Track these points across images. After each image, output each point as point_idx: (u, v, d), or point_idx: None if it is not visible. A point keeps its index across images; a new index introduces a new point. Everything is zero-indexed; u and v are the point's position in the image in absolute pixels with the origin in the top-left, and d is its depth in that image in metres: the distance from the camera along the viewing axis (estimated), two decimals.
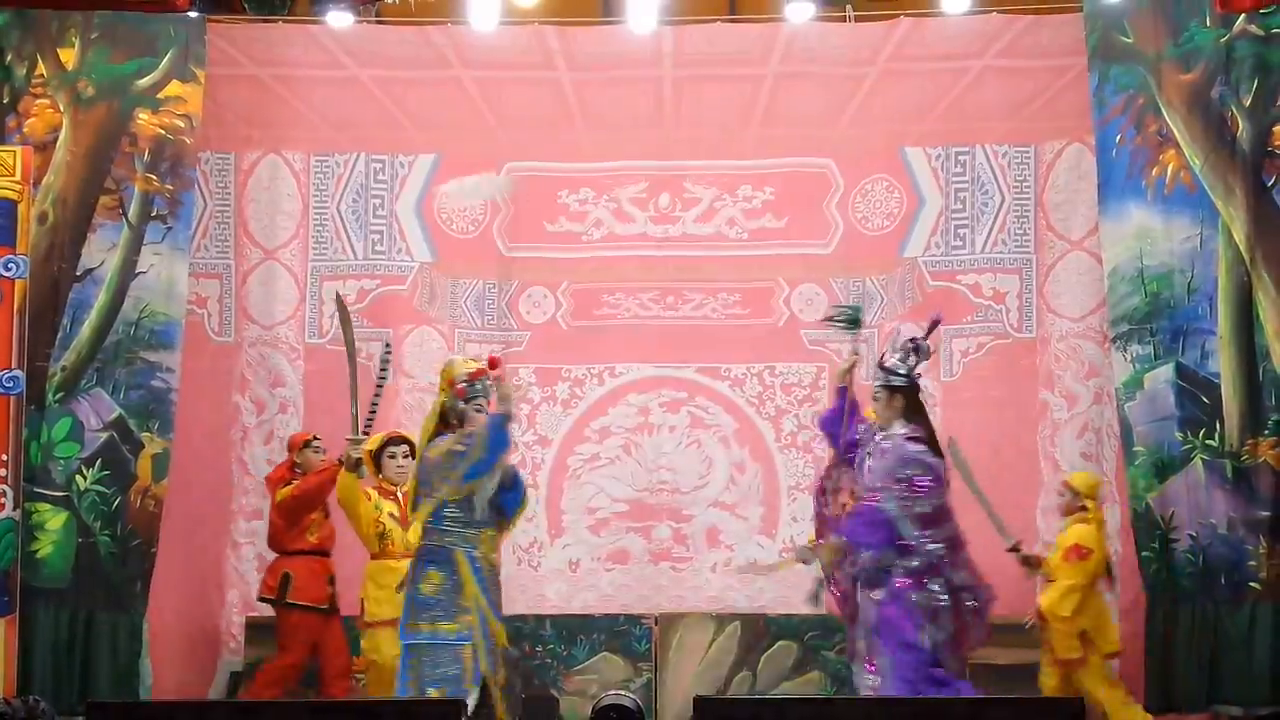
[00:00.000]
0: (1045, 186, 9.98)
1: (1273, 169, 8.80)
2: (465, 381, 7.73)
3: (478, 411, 7.68)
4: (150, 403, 9.21)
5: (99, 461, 9.09)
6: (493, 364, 7.76)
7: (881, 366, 7.91)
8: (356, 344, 8.63)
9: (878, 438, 7.82)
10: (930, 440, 7.83)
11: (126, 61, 9.34)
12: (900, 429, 7.77)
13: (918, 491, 7.67)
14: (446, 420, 7.75)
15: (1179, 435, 8.81)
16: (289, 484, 8.73)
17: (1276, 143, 8.82)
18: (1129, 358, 8.98)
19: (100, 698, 8.57)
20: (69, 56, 9.33)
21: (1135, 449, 8.93)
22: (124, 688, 8.88)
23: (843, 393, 8.00)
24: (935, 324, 8.07)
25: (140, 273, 9.25)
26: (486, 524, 7.67)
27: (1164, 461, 8.86)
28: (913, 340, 7.87)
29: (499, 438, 7.58)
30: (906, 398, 7.87)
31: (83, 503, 9.04)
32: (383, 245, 10.15)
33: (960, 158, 10.10)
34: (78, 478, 9.08)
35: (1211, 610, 8.73)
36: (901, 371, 7.86)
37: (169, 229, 9.32)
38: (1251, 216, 8.79)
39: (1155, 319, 8.96)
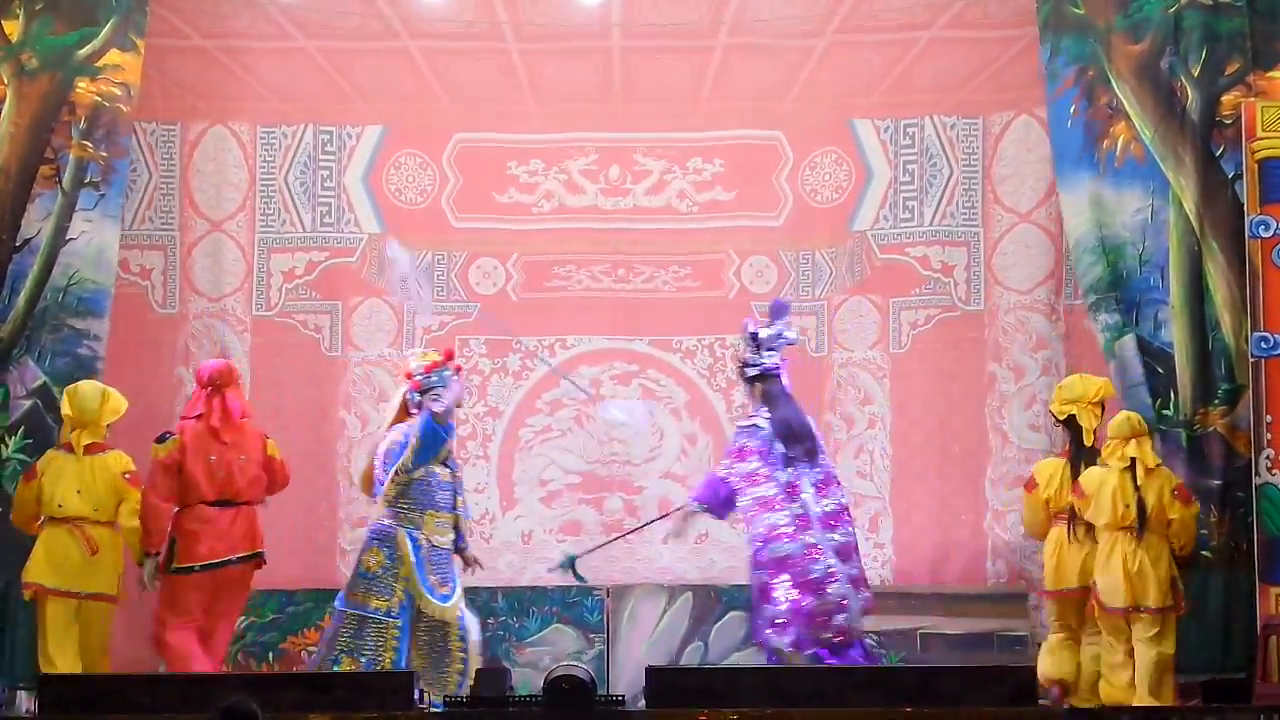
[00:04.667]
0: (993, 159, 10.02)
1: (1220, 139, 8.88)
2: (421, 374, 8.06)
3: (434, 402, 7.97)
4: (75, 371, 9.00)
5: (21, 429, 8.93)
6: (448, 356, 8.11)
7: (740, 361, 8.31)
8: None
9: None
10: (778, 423, 8.15)
11: (69, 32, 9.23)
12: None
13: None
14: (405, 409, 8.09)
15: (1149, 401, 8.89)
16: None
17: (1224, 112, 8.89)
18: (1100, 326, 9.05)
19: (19, 669, 8.57)
20: (13, 28, 9.21)
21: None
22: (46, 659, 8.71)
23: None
24: (778, 310, 8.35)
25: (70, 239, 9.13)
26: (430, 506, 7.94)
27: None
28: (751, 332, 8.22)
29: (430, 435, 7.90)
30: (763, 386, 8.23)
31: (4, 471, 8.87)
32: (331, 217, 10.10)
33: (909, 130, 10.13)
34: (0, 446, 8.94)
35: None
36: (754, 362, 8.21)
37: (101, 196, 9.21)
38: (1200, 186, 8.87)
39: (1116, 288, 9.02)
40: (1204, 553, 8.69)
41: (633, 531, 9.41)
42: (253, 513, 8.40)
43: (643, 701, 7.40)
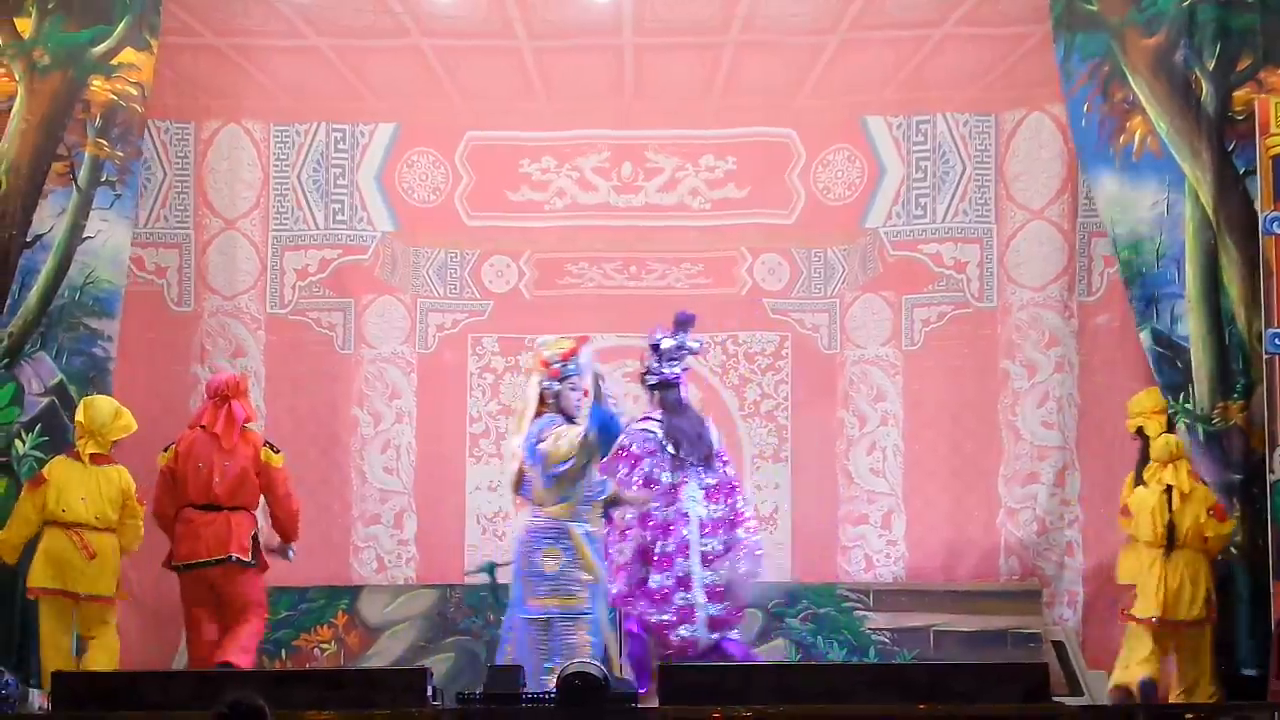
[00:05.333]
0: (1006, 156, 10.01)
1: (1233, 134, 8.87)
2: (558, 362, 7.96)
3: (572, 390, 7.91)
4: (90, 370, 9.10)
5: (38, 426, 8.95)
6: (582, 342, 8.07)
7: (642, 368, 8.41)
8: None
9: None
10: (668, 430, 8.25)
11: (82, 30, 9.24)
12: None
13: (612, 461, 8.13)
14: (543, 400, 7.94)
15: (1169, 399, 8.94)
16: None
17: (1237, 108, 8.88)
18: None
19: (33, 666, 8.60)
20: (25, 25, 9.23)
21: None
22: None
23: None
24: (681, 322, 8.38)
25: (88, 238, 9.15)
26: (594, 498, 7.90)
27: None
28: (653, 343, 8.34)
29: (610, 428, 7.79)
30: (664, 394, 8.33)
31: (21, 468, 8.90)
32: (344, 215, 10.11)
33: (921, 127, 10.13)
34: (17, 442, 8.96)
35: None
36: (656, 371, 8.33)
37: (118, 196, 9.24)
38: (1216, 180, 8.86)
39: (1131, 286, 9.03)
40: (1229, 548, 8.74)
41: None
42: (234, 518, 8.36)
43: (656, 699, 7.39)
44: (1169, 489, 8.57)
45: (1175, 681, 8.58)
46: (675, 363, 8.37)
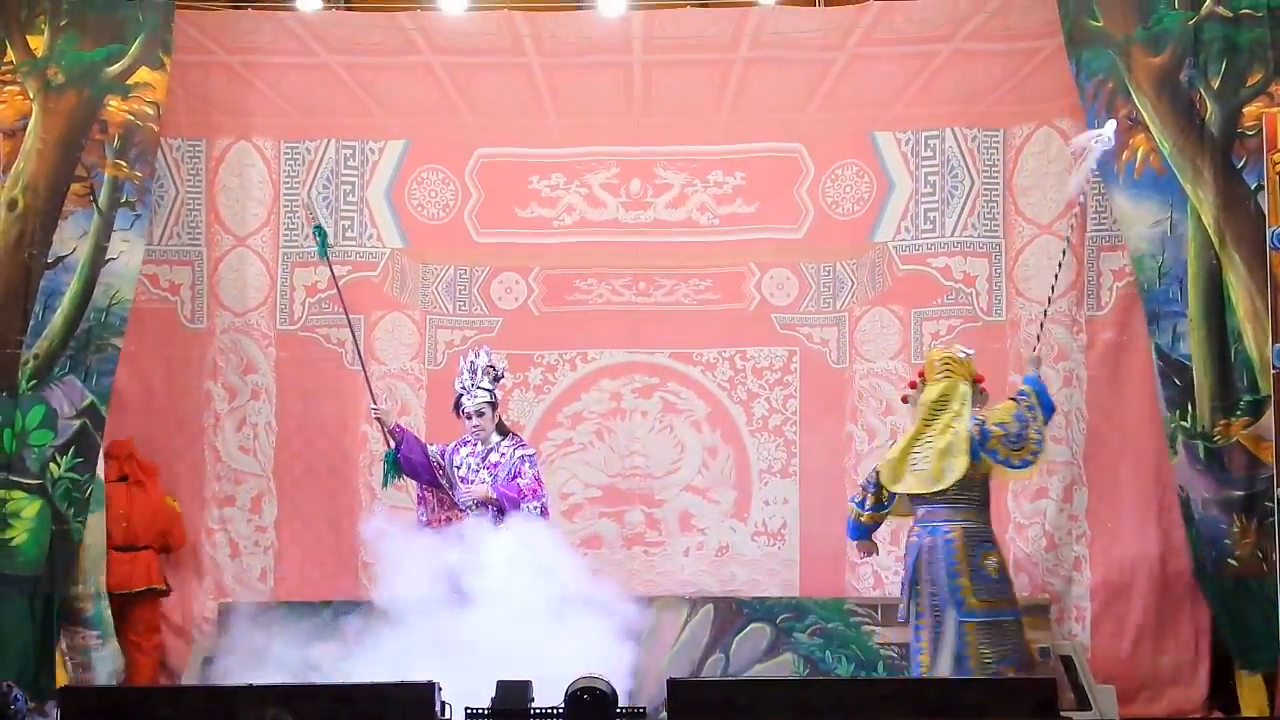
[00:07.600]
0: (1014, 170, 10.03)
1: (1242, 150, 8.87)
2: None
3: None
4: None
5: (72, 449, 9.05)
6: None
7: (480, 387, 8.70)
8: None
9: (485, 451, 8.71)
10: None
11: (96, 49, 9.29)
12: (507, 441, 8.76)
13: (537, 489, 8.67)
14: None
15: (1166, 414, 8.96)
16: None
17: (1246, 124, 8.89)
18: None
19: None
20: (38, 43, 9.27)
21: None
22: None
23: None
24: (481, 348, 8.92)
25: (111, 259, 9.22)
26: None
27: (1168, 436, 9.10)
28: (492, 366, 8.73)
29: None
30: (494, 415, 8.79)
31: (56, 490, 9.01)
32: (354, 231, 10.13)
33: (930, 142, 10.14)
34: (51, 465, 9.05)
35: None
36: (497, 391, 8.77)
37: (137, 216, 9.30)
38: (1221, 199, 8.87)
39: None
40: (1230, 560, 8.77)
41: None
42: (148, 555, 9.44)
43: (664, 714, 7.40)
44: None
45: None
46: None
